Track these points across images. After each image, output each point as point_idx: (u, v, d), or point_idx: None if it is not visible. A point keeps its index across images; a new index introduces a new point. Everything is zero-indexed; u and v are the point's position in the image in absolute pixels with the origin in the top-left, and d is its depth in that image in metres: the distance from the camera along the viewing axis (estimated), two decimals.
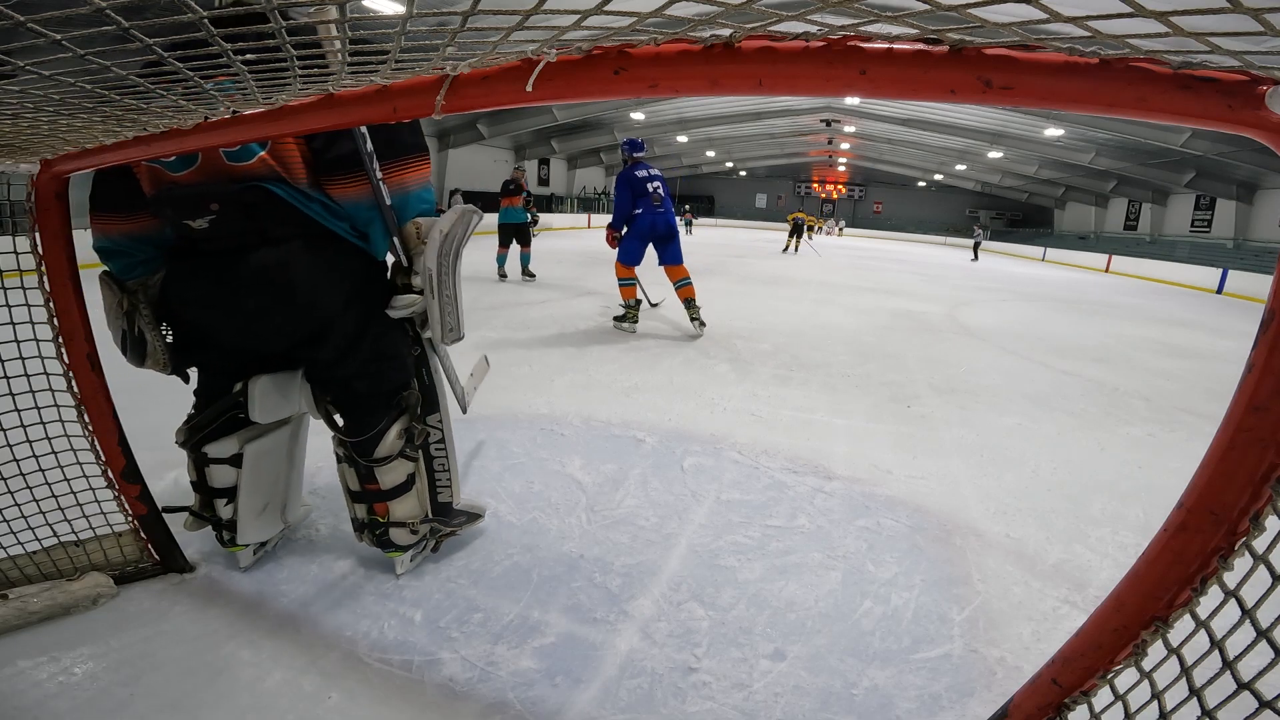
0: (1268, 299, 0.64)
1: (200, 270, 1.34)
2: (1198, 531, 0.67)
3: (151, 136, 1.05)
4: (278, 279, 1.32)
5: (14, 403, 1.32)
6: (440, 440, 1.61)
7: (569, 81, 0.70)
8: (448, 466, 1.63)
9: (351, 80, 0.81)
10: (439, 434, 1.61)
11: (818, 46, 0.60)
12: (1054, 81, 0.56)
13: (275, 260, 1.32)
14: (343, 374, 1.46)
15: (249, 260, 1.31)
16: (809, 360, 4.17)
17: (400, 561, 1.61)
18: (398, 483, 1.53)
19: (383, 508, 1.54)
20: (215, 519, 1.54)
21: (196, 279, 1.35)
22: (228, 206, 1.28)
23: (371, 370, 1.47)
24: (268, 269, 1.31)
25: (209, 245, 1.33)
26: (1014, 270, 16.02)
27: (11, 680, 1.19)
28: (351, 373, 1.46)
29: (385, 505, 1.53)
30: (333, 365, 1.45)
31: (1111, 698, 0.78)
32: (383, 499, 1.53)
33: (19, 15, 0.53)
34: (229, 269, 1.32)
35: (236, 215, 1.29)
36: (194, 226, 1.29)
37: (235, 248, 1.31)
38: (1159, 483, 2.46)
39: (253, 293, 1.32)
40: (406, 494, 1.55)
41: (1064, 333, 6.14)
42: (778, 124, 24.77)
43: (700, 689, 1.28)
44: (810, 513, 2.04)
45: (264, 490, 1.56)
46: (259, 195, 1.29)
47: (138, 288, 1.41)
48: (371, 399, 1.49)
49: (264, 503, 1.57)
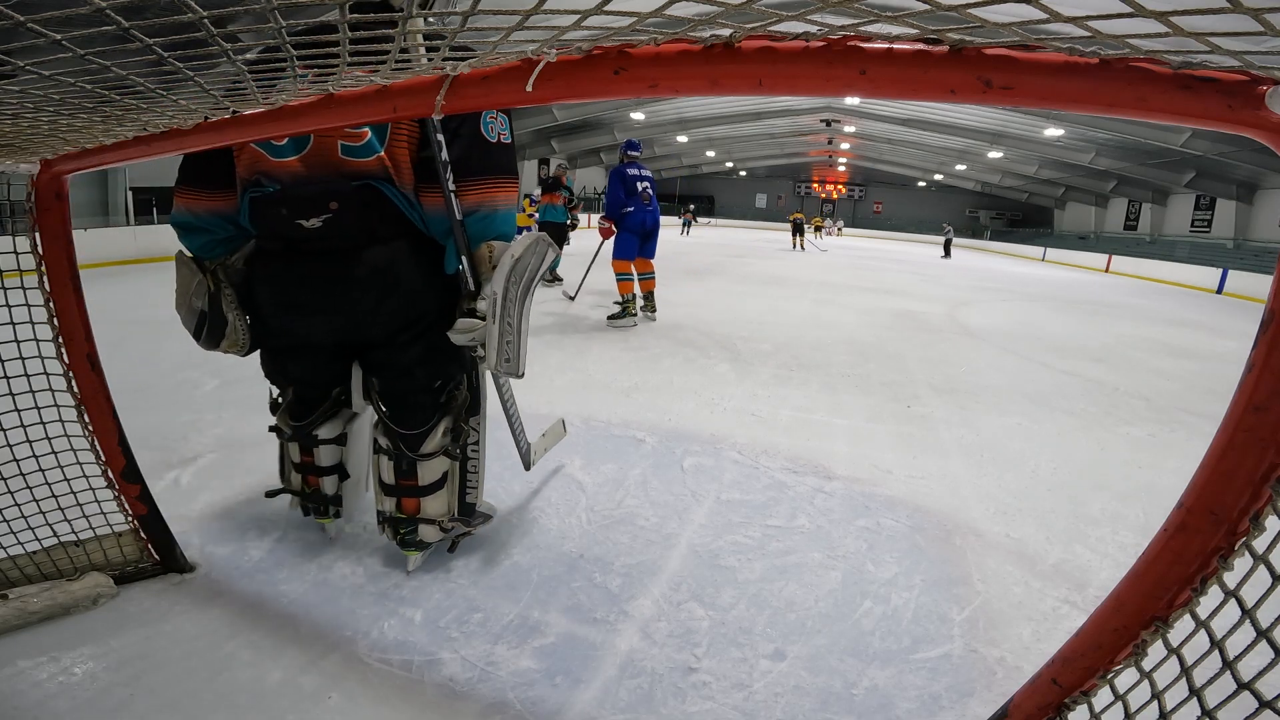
0: (1268, 299, 0.64)
1: (312, 274, 1.35)
2: (1198, 531, 0.67)
3: (151, 136, 1.05)
4: (388, 278, 1.36)
5: (14, 403, 1.32)
6: (476, 442, 1.64)
7: (569, 81, 0.70)
8: (478, 468, 1.66)
9: (351, 80, 0.81)
10: (476, 436, 1.64)
11: (818, 46, 0.60)
12: (1054, 81, 0.56)
13: (385, 259, 1.35)
14: (406, 360, 1.46)
15: (362, 259, 1.33)
16: (809, 360, 4.17)
17: (412, 559, 1.62)
18: (434, 479, 1.55)
19: (413, 504, 1.55)
20: (318, 495, 1.62)
21: (306, 284, 1.36)
22: (345, 205, 1.29)
23: (433, 359, 1.49)
24: (380, 268, 1.34)
25: (314, 245, 1.32)
26: (1014, 270, 16.01)
27: (11, 680, 1.19)
28: (415, 359, 1.46)
29: (416, 501, 1.54)
30: (404, 348, 1.45)
31: (1111, 698, 0.78)
32: (416, 495, 1.54)
33: (19, 15, 0.53)
34: (342, 268, 1.33)
35: (351, 214, 1.30)
36: (306, 226, 1.30)
37: (346, 248, 1.33)
38: (1159, 483, 2.46)
39: (367, 290, 1.35)
40: (439, 491, 1.56)
41: (1064, 333, 6.14)
42: (778, 124, 24.78)
43: (700, 689, 1.28)
44: (810, 513, 2.04)
45: (358, 466, 1.69)
46: (372, 195, 1.31)
47: (216, 267, 1.41)
48: (425, 392, 1.51)
49: (359, 476, 1.71)
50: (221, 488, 2.01)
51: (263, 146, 1.29)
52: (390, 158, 1.31)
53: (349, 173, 1.29)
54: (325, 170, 1.29)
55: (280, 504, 1.84)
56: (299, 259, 1.35)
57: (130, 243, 8.41)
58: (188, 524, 1.77)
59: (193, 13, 0.54)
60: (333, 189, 1.28)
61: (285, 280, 1.37)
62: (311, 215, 1.28)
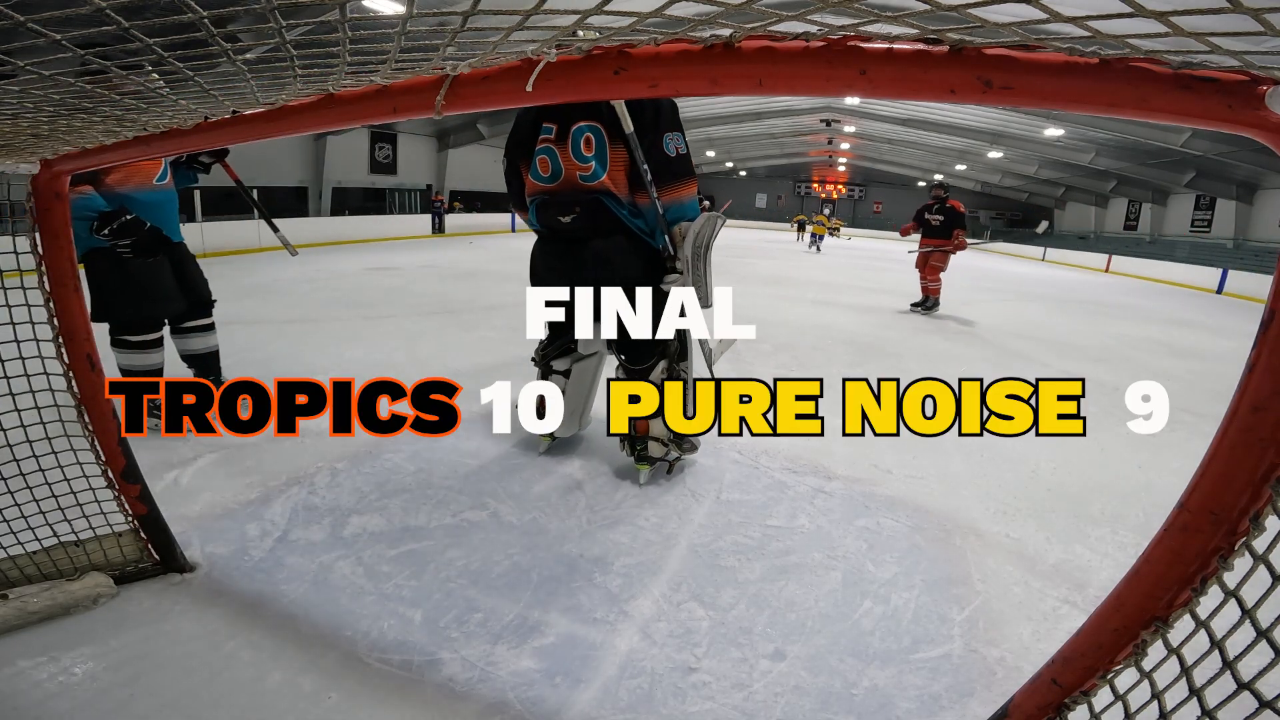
0: (1268, 299, 0.64)
1: (562, 250, 2.07)
2: (1198, 531, 0.67)
3: (151, 136, 1.05)
4: (606, 259, 2.00)
5: (14, 403, 1.32)
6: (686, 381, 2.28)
7: (569, 81, 0.70)
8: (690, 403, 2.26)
9: (352, 80, 0.81)
10: (684, 377, 2.21)
11: (818, 46, 0.60)
12: (1054, 81, 0.56)
13: (605, 247, 2.01)
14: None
15: (590, 246, 2.01)
16: (809, 360, 4.17)
17: (643, 473, 2.20)
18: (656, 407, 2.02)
19: (644, 426, 2.16)
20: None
21: (560, 255, 2.08)
22: (584, 209, 1.98)
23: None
24: (600, 252, 2.01)
25: (567, 234, 2.04)
26: (1014, 270, 16.01)
27: (11, 680, 1.19)
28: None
29: (645, 424, 2.15)
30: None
31: (1111, 698, 0.78)
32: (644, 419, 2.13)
33: (19, 15, 0.53)
34: (580, 250, 2.02)
35: (587, 216, 1.99)
36: (563, 221, 2.01)
37: (583, 237, 2.02)
38: (1159, 483, 2.46)
39: (591, 268, 2.00)
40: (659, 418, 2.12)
41: (1064, 333, 6.14)
42: (778, 124, 24.76)
43: (700, 689, 1.28)
44: (810, 513, 2.04)
45: (575, 400, 2.36)
46: (598, 204, 1.98)
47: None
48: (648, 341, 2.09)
49: (573, 409, 2.37)
50: (221, 488, 2.01)
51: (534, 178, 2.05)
52: (611, 180, 1.98)
53: (583, 190, 1.98)
54: (572, 188, 2.00)
55: (280, 504, 1.85)
56: (557, 240, 2.08)
57: None
58: (188, 524, 1.77)
59: (193, 13, 0.54)
60: (576, 198, 1.98)
61: (548, 249, 2.13)
62: (566, 214, 2.00)
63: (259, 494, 1.98)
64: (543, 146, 2.00)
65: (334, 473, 2.15)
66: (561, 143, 1.97)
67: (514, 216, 18.46)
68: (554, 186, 2.00)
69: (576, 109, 1.94)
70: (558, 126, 1.97)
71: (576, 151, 1.95)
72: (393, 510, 1.93)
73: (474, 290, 6.44)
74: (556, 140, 1.98)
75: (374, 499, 1.99)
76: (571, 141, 1.95)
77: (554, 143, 1.98)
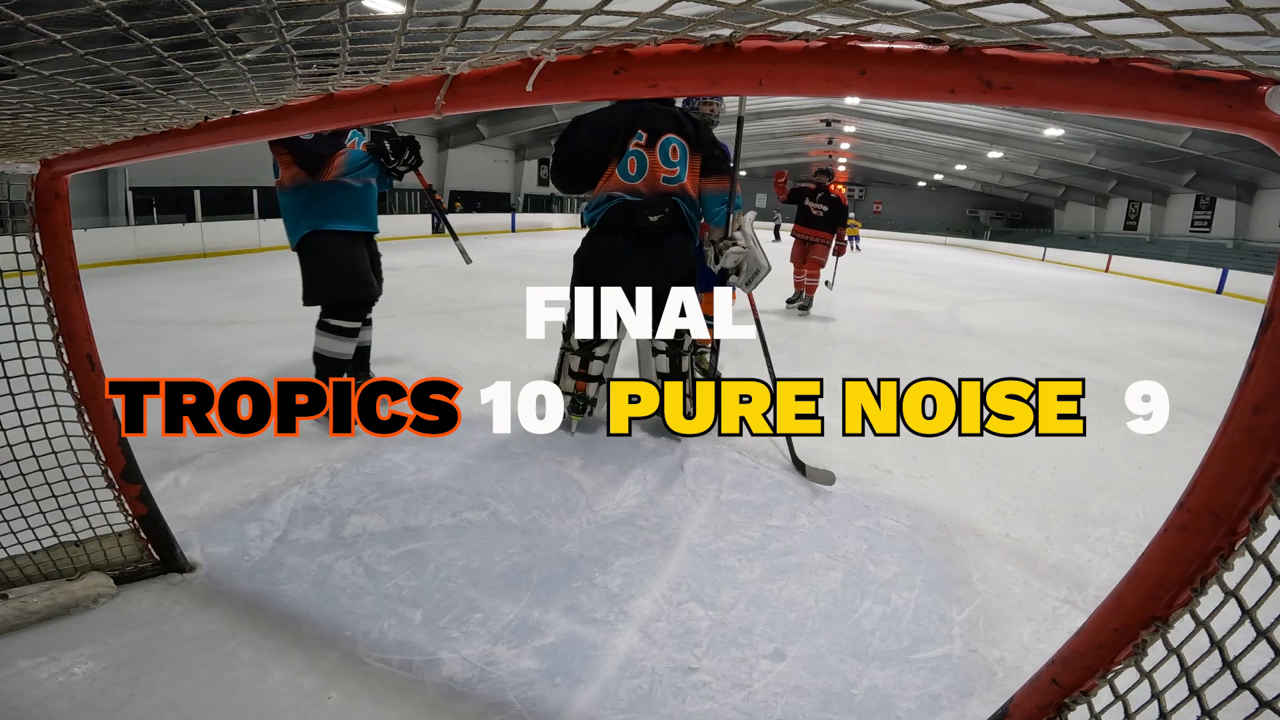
0: (1268, 299, 0.64)
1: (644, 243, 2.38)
2: (1198, 531, 0.67)
3: (151, 136, 1.05)
4: (683, 251, 2.44)
5: (14, 403, 1.32)
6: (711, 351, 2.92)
7: (569, 81, 0.70)
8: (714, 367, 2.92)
9: (352, 80, 0.81)
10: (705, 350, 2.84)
11: (818, 46, 0.60)
12: (1054, 81, 0.56)
13: (680, 241, 2.43)
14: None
15: (670, 240, 2.40)
16: (809, 360, 4.17)
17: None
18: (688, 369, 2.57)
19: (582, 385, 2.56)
20: (583, 397, 2.53)
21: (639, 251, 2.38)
22: (670, 209, 2.37)
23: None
24: (678, 245, 2.43)
25: (650, 230, 2.37)
26: (1014, 270, 16.01)
27: (11, 680, 1.19)
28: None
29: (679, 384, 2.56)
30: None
31: (1111, 698, 0.78)
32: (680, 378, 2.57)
33: (19, 15, 0.53)
34: (661, 243, 2.39)
35: (670, 215, 2.38)
36: (651, 219, 2.35)
37: (662, 234, 2.38)
38: (1159, 483, 2.46)
39: (669, 259, 2.40)
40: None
41: (1064, 333, 6.14)
42: (778, 124, 24.73)
43: (700, 689, 1.28)
44: (810, 513, 2.04)
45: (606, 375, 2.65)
46: (675, 204, 2.38)
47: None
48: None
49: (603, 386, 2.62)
50: (221, 488, 2.01)
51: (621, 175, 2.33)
52: (690, 183, 2.41)
53: (667, 191, 2.36)
54: (656, 189, 2.35)
55: (280, 504, 1.85)
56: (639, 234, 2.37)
57: (130, 243, 8.40)
58: (188, 524, 1.77)
59: (193, 13, 0.54)
60: (666, 199, 2.36)
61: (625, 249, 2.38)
62: (656, 213, 2.35)
63: (259, 494, 1.98)
64: (634, 149, 2.33)
65: (334, 473, 2.15)
66: (650, 149, 2.34)
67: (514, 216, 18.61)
68: (638, 185, 2.33)
69: (664, 124, 2.35)
70: (648, 135, 2.33)
71: (665, 158, 2.35)
72: (392, 510, 1.93)
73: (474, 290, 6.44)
74: (647, 146, 2.34)
75: (374, 499, 1.99)
76: (660, 149, 2.34)
77: (644, 148, 2.33)
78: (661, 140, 2.33)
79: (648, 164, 2.32)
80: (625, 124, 2.32)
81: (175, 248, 9.00)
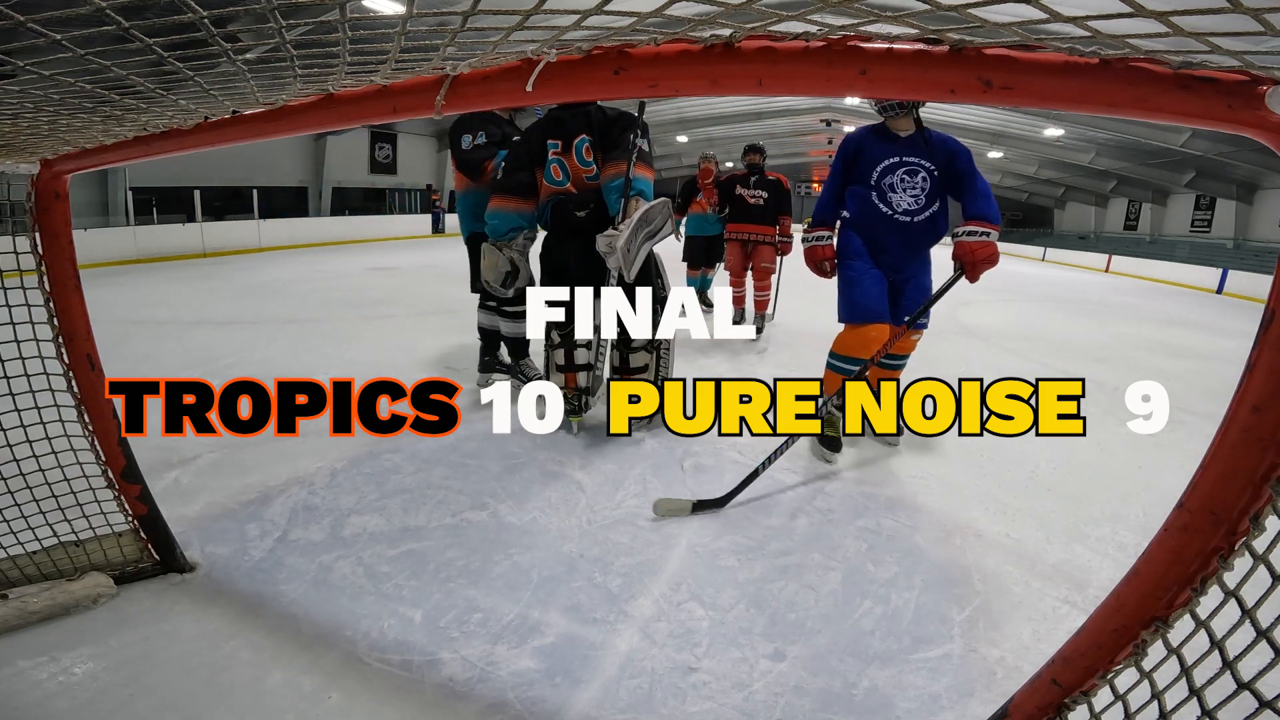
0: (1268, 299, 0.64)
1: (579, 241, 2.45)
2: (1198, 531, 0.67)
3: (151, 136, 1.05)
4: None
5: (14, 403, 1.32)
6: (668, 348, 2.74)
7: (569, 81, 0.70)
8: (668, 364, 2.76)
9: (352, 80, 0.81)
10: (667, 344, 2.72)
11: (818, 46, 0.60)
12: (1054, 81, 0.56)
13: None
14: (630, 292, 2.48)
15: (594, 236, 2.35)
16: (809, 361, 4.17)
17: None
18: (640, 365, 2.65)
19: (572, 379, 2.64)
20: (575, 394, 2.56)
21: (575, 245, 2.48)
22: (595, 204, 2.48)
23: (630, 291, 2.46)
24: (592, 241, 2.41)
25: (579, 225, 2.48)
26: (1014, 270, 16.01)
27: (11, 680, 1.19)
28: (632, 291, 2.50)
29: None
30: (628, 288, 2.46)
31: (1111, 698, 0.78)
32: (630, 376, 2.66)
33: (19, 15, 0.53)
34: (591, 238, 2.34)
35: (596, 209, 2.48)
36: (578, 215, 2.49)
37: (592, 227, 2.41)
38: (1159, 483, 2.46)
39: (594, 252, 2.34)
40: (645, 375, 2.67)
41: (1064, 333, 6.13)
42: (778, 124, 24.72)
43: (700, 689, 1.28)
44: (810, 513, 2.04)
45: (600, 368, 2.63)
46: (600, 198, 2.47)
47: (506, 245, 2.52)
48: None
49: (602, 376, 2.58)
50: (221, 488, 2.01)
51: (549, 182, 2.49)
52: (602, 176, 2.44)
53: (591, 188, 2.48)
54: (583, 188, 2.48)
55: (279, 504, 1.84)
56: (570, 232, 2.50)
57: (130, 243, 8.41)
58: (188, 524, 1.77)
59: (193, 13, 0.54)
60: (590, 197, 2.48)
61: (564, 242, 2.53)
62: (582, 210, 2.49)
63: (259, 494, 1.98)
64: (553, 158, 2.49)
65: (334, 473, 2.15)
66: (567, 153, 2.48)
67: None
68: (569, 187, 2.50)
69: (577, 127, 2.46)
70: (562, 141, 2.47)
71: (580, 158, 2.48)
72: (392, 510, 1.93)
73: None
74: (563, 151, 2.48)
75: (374, 499, 1.99)
76: (575, 151, 2.47)
77: (561, 154, 2.48)
78: (575, 142, 2.47)
79: (568, 167, 2.49)
80: (539, 138, 2.51)
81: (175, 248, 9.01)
